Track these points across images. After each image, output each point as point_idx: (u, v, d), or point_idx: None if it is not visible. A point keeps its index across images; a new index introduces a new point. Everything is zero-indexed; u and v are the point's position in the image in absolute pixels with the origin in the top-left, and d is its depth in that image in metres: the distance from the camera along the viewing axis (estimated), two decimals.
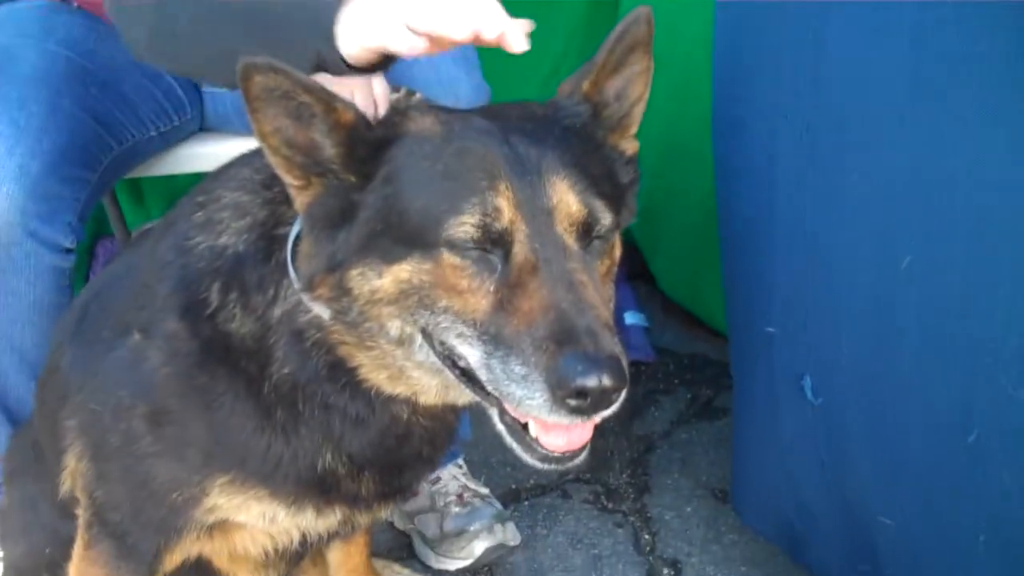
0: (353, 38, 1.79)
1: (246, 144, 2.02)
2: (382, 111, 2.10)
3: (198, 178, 3.01)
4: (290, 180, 1.67)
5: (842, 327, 2.20)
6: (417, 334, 1.66)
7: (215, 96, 3.11)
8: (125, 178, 3.13)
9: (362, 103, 2.14)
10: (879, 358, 2.13)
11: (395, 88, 2.24)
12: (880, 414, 2.16)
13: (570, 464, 1.64)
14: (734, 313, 2.68)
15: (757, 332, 2.45)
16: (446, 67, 2.61)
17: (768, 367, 2.45)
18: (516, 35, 1.71)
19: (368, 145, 1.65)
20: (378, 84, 2.25)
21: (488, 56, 2.76)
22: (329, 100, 1.61)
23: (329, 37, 1.81)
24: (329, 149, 1.65)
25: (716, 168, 2.58)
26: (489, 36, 1.69)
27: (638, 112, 1.85)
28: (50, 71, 2.57)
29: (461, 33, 1.69)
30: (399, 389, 1.81)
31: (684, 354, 3.96)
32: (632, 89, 1.82)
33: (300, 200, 1.69)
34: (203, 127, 3.18)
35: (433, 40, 1.73)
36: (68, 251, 2.50)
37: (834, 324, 2.22)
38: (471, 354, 1.59)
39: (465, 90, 2.62)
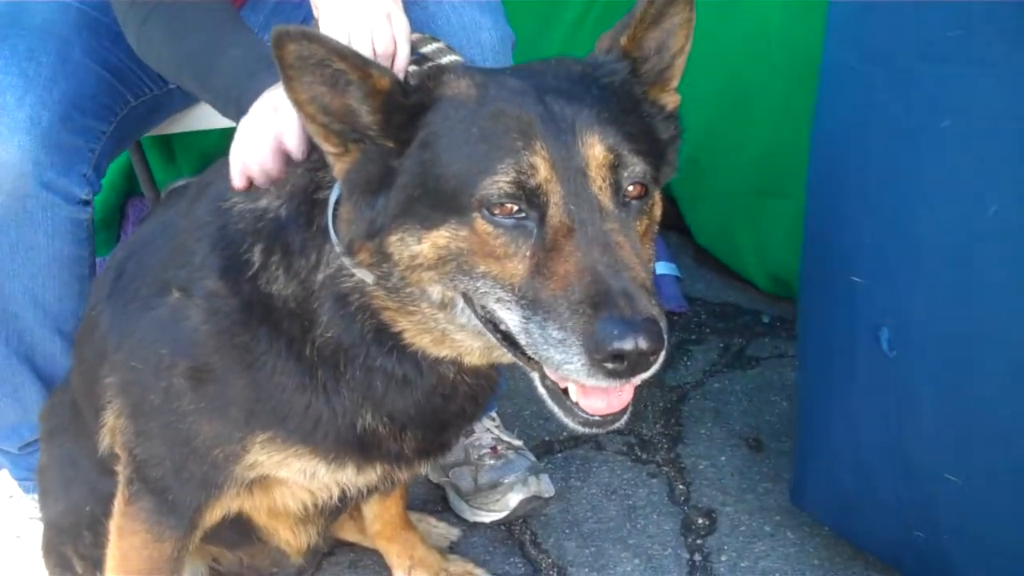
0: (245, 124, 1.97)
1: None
2: (403, 53, 2.08)
3: (227, 134, 3.03)
4: (328, 148, 1.66)
5: (924, 279, 2.17)
6: (458, 298, 1.65)
7: None
8: (153, 135, 3.11)
9: (382, 44, 2.12)
10: (959, 310, 2.10)
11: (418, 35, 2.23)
12: (956, 368, 2.14)
13: (611, 427, 1.63)
14: (813, 261, 2.63)
15: (839, 282, 2.41)
16: (469, 12, 2.56)
17: (847, 317, 2.42)
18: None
19: (404, 110, 1.63)
20: (399, 25, 2.22)
21: (512, 2, 2.72)
22: (364, 67, 1.59)
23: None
24: (366, 116, 1.63)
25: (816, 115, 2.53)
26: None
27: (679, 64, 1.81)
28: (60, 22, 2.54)
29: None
30: (444, 351, 1.81)
31: (716, 303, 3.93)
32: (673, 41, 1.78)
33: (339, 167, 1.67)
34: None
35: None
36: (85, 203, 2.49)
37: (916, 276, 2.19)
38: (510, 318, 1.58)
39: (488, 36, 2.57)
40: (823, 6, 2.43)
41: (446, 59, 2.12)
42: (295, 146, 1.86)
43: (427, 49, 2.15)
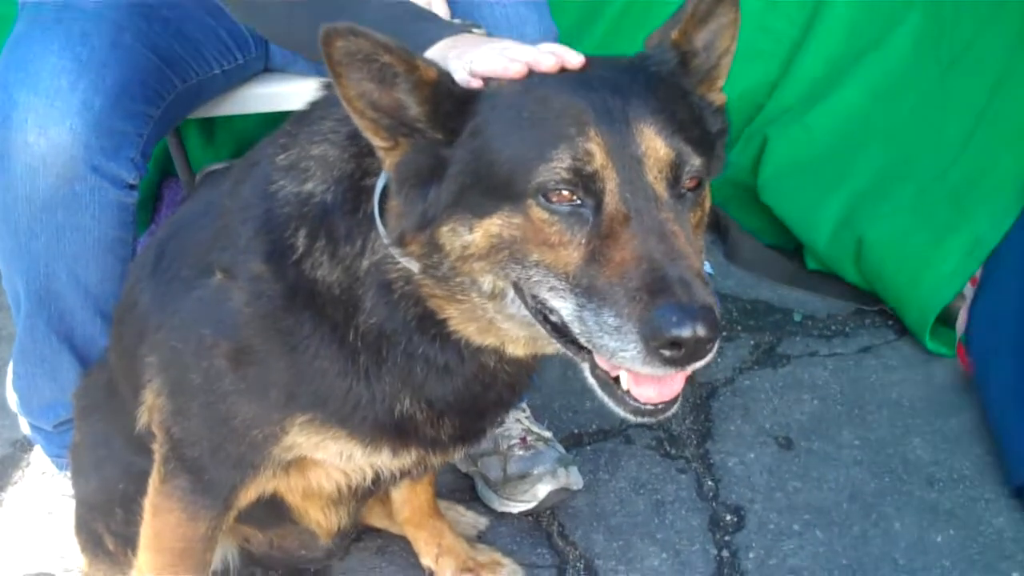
0: None
1: (311, 84, 2.02)
2: None
3: (265, 119, 3.04)
4: (378, 142, 1.66)
5: None
6: (509, 288, 1.65)
7: None
8: (192, 118, 3.13)
9: None
10: None
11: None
12: None
13: (662, 416, 1.63)
14: None
15: None
16: (514, 6, 2.56)
17: None
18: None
19: (453, 100, 1.63)
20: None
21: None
22: (411, 59, 1.59)
23: None
24: (414, 108, 1.63)
25: None
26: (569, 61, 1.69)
27: (726, 64, 1.81)
28: (112, 6, 2.55)
29: (512, 70, 1.67)
30: (488, 340, 1.81)
31: (747, 301, 3.92)
32: (720, 41, 1.79)
33: (389, 161, 1.67)
34: (267, 67, 3.15)
35: None
36: (131, 187, 2.51)
37: None
38: (563, 307, 1.58)
39: (532, 30, 2.57)
40: None
41: None
42: None
43: None
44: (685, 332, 1.43)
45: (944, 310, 3.57)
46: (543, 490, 2.82)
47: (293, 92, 2.92)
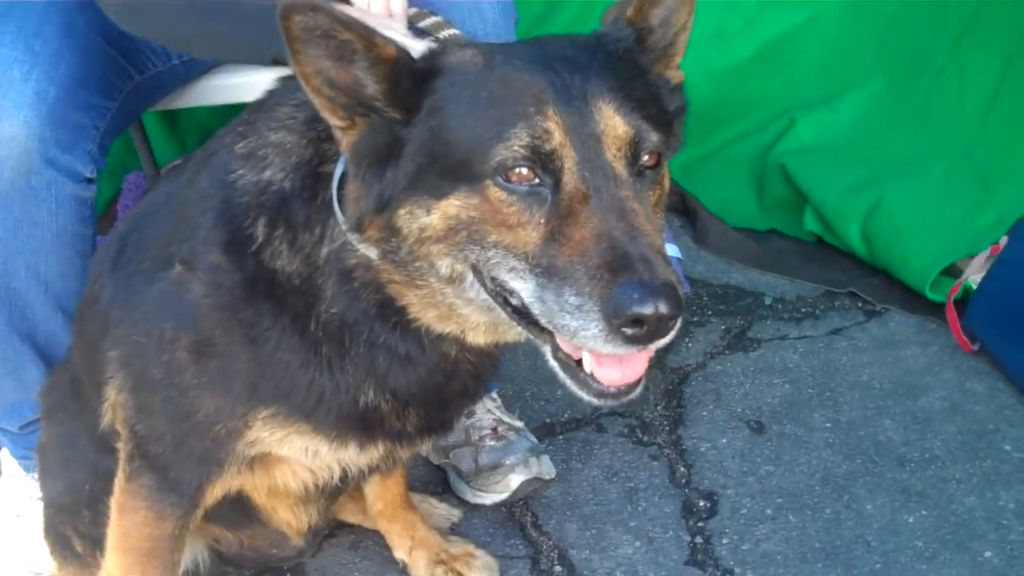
0: None
1: (273, 75, 1.99)
2: (399, 26, 2.08)
3: (229, 110, 3.01)
4: (334, 121, 1.64)
5: None
6: (468, 271, 1.64)
7: None
8: (155, 111, 3.09)
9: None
10: None
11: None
12: None
13: (625, 399, 1.62)
14: None
15: None
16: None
17: None
18: None
19: (411, 78, 1.61)
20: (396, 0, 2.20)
21: None
22: (370, 36, 1.57)
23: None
24: (372, 85, 1.61)
25: None
26: None
27: (682, 41, 1.80)
28: None
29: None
30: (449, 327, 1.80)
31: (717, 285, 3.91)
32: (676, 17, 1.77)
33: (345, 140, 1.66)
34: None
35: None
36: (89, 180, 2.48)
37: None
38: (523, 288, 1.56)
39: (491, 11, 2.55)
40: None
41: (444, 33, 2.11)
42: None
43: (425, 23, 2.14)
44: (647, 309, 1.42)
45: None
46: (515, 480, 2.81)
47: (255, 83, 2.82)
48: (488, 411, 2.95)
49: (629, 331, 1.45)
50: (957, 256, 3.62)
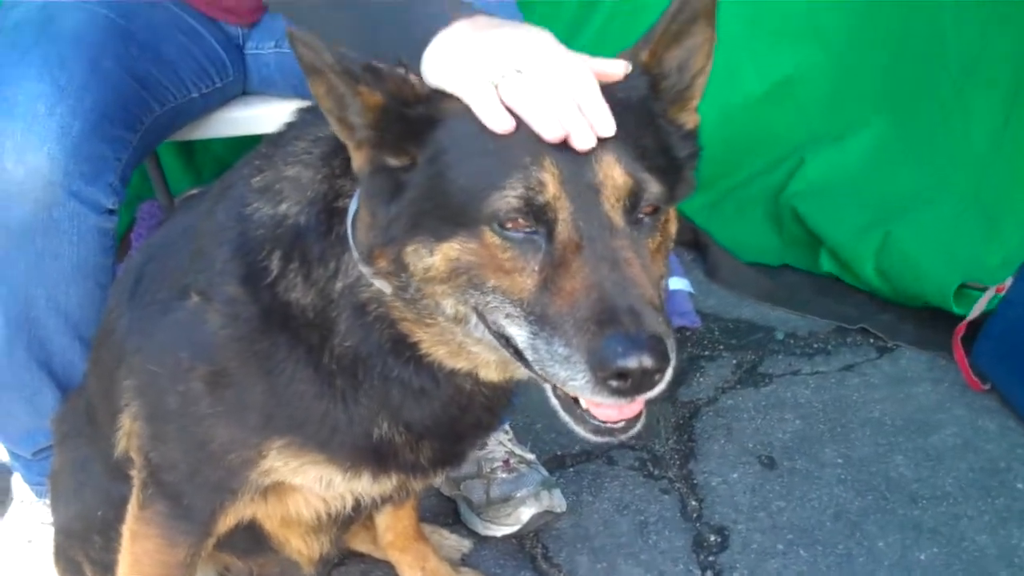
0: (436, 72, 1.68)
1: (290, 107, 2.01)
2: None
3: (244, 142, 3.04)
4: (344, 139, 1.66)
5: None
6: (471, 313, 1.64)
7: (258, 58, 3.08)
8: (170, 142, 3.12)
9: None
10: None
11: None
12: None
13: (623, 436, 1.61)
14: None
15: None
16: (490, 10, 2.55)
17: None
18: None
19: (406, 123, 1.61)
20: None
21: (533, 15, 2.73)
22: (354, 83, 1.56)
23: (417, 56, 1.70)
24: (362, 130, 1.62)
25: None
26: (577, 145, 1.55)
27: (700, 84, 1.77)
28: (90, 30, 2.54)
29: (548, 134, 1.54)
30: (460, 364, 1.80)
31: (729, 320, 3.93)
32: (694, 61, 1.74)
33: (356, 161, 1.67)
34: (246, 90, 3.15)
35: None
36: (111, 212, 2.49)
37: None
38: (518, 334, 1.57)
39: None
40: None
41: None
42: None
43: None
44: (631, 363, 1.42)
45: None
46: (526, 513, 2.81)
47: (272, 115, 2.92)
48: (500, 443, 2.95)
49: (614, 383, 1.45)
50: (973, 277, 3.65)
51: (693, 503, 3.02)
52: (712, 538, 2.89)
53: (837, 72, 4.33)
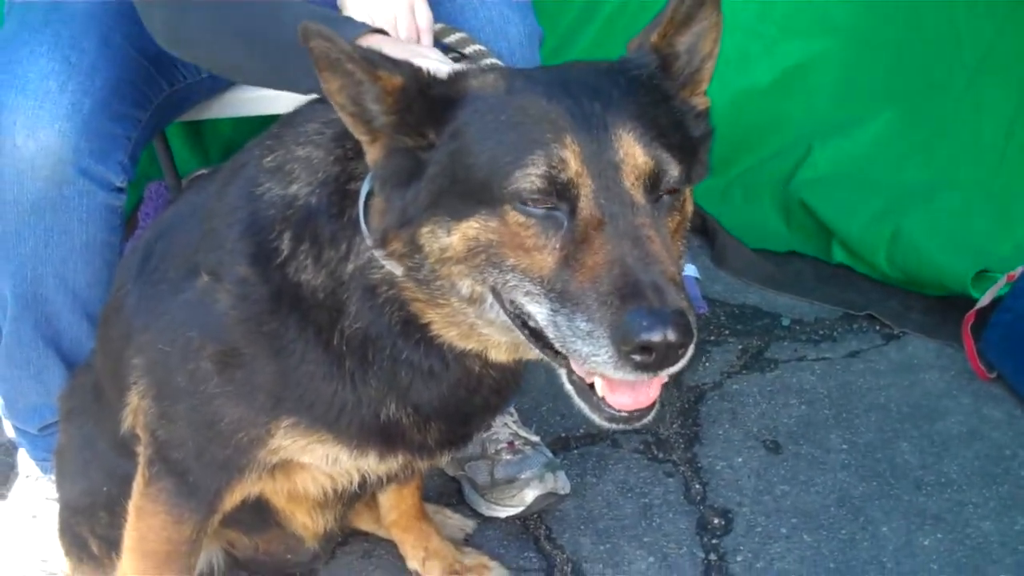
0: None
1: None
2: (425, 43, 2.10)
3: (252, 123, 3.04)
4: (358, 135, 1.67)
5: None
6: (487, 293, 1.65)
7: None
8: (178, 122, 3.12)
9: (404, 34, 2.12)
10: None
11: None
12: None
13: (638, 424, 1.62)
14: None
15: None
16: (497, 6, 2.55)
17: None
18: None
19: (425, 106, 1.63)
20: (422, 16, 2.21)
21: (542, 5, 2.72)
22: (372, 69, 1.59)
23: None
24: (380, 116, 1.64)
25: None
26: None
27: (709, 68, 1.80)
28: (100, 8, 2.55)
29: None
30: (471, 345, 1.81)
31: (735, 305, 3.92)
32: (702, 44, 1.77)
33: (370, 155, 1.68)
34: None
35: None
36: (119, 190, 2.50)
37: None
38: (538, 312, 1.57)
39: (516, 31, 2.56)
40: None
41: (470, 49, 2.12)
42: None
43: (451, 39, 2.15)
44: (655, 336, 1.43)
45: None
46: (530, 495, 2.81)
47: (280, 96, 2.89)
48: (505, 425, 2.95)
49: (638, 358, 1.45)
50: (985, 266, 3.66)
51: (697, 486, 3.03)
52: (716, 521, 2.90)
53: (848, 61, 4.31)
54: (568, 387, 1.65)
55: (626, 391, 1.58)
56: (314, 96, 1.95)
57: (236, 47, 2.16)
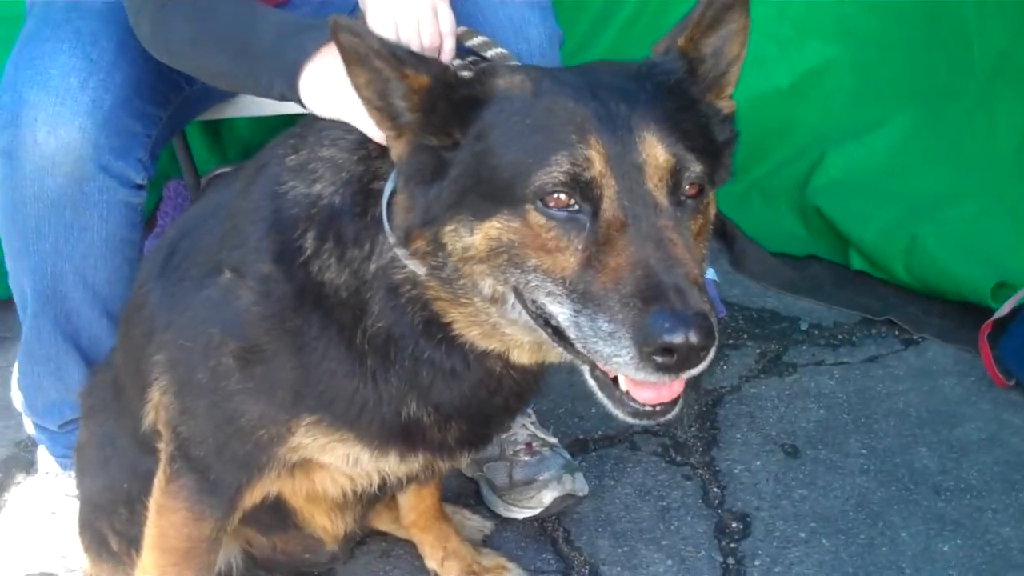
0: (314, 102, 1.96)
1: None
2: (448, 46, 2.12)
3: (270, 122, 3.04)
4: (384, 130, 1.68)
5: None
6: (509, 293, 1.65)
7: None
8: (198, 121, 3.13)
9: (428, 37, 2.13)
10: None
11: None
12: None
13: (661, 419, 1.62)
14: None
15: None
16: (518, 8, 2.55)
17: None
18: None
19: (451, 104, 1.63)
20: (445, 19, 2.22)
21: (564, 4, 2.72)
22: (401, 66, 1.60)
23: (293, 86, 1.96)
24: (406, 113, 1.64)
25: None
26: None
27: (735, 72, 1.80)
28: (120, 6, 2.55)
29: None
30: (493, 345, 1.81)
31: (753, 309, 3.91)
32: (729, 48, 1.77)
33: (395, 150, 1.69)
34: None
35: None
36: (140, 187, 2.51)
37: None
38: (560, 312, 1.57)
39: (536, 32, 2.56)
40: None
41: (491, 52, 2.13)
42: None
43: (473, 43, 2.16)
44: (677, 338, 1.43)
45: None
46: (548, 496, 2.81)
47: None
48: (523, 426, 2.95)
49: (660, 359, 1.45)
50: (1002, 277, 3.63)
51: (715, 490, 3.02)
52: (734, 525, 2.89)
53: (863, 67, 4.30)
54: (591, 382, 1.65)
55: (649, 387, 1.58)
56: None
57: (218, 55, 2.18)
